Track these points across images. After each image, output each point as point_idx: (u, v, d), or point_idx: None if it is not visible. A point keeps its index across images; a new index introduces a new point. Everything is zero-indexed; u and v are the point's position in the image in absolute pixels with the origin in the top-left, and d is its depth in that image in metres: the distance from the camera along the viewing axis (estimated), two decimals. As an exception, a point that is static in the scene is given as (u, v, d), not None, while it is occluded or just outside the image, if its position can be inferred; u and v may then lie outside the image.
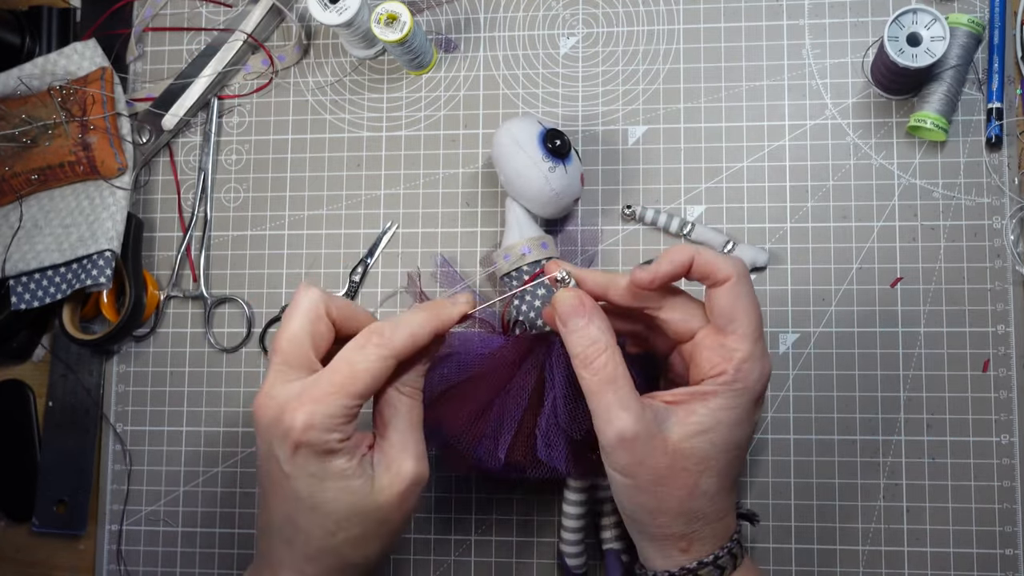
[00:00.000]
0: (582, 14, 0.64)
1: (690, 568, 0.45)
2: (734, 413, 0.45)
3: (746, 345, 0.45)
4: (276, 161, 0.65)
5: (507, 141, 0.55)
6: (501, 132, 0.55)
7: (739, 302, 0.46)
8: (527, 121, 0.55)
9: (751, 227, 0.60)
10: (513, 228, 0.57)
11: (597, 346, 0.44)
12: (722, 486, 0.46)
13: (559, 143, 0.54)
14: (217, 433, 0.63)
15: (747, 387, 0.45)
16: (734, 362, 0.45)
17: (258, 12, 0.65)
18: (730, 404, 0.45)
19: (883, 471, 0.58)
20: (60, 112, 0.63)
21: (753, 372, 0.45)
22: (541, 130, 0.55)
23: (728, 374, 0.45)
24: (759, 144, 0.61)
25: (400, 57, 0.62)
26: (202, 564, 0.62)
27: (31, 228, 0.63)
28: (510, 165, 0.55)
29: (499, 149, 0.55)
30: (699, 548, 0.46)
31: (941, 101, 0.58)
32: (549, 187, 0.54)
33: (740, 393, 0.45)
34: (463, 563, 0.60)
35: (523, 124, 0.55)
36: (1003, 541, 0.57)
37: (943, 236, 0.59)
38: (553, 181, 0.54)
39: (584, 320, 0.45)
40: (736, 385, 0.45)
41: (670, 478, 0.44)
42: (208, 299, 0.64)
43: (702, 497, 0.45)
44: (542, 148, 0.54)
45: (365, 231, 0.64)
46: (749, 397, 0.45)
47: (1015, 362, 0.58)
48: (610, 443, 0.44)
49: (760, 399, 0.46)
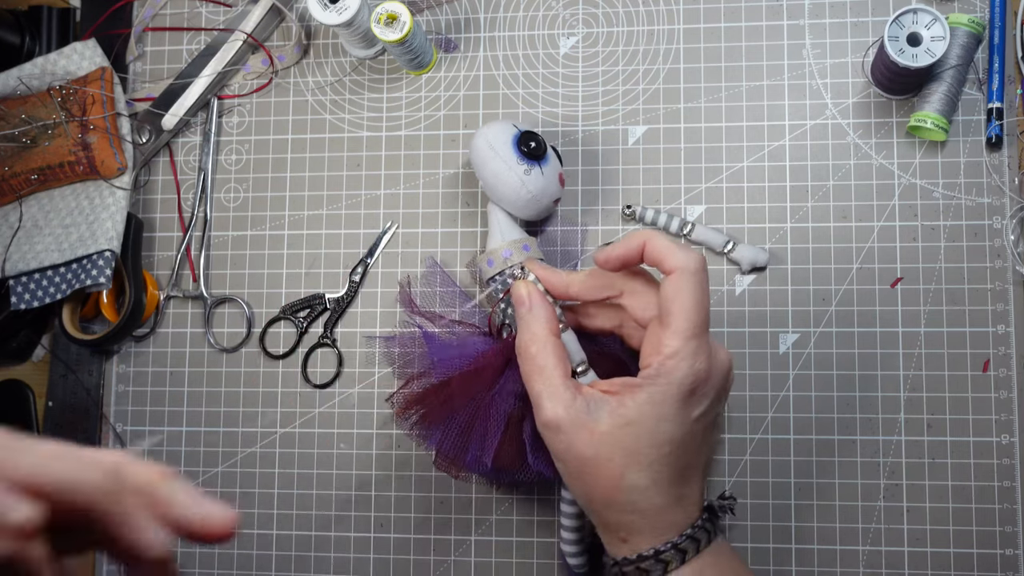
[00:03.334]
0: (582, 14, 0.64)
1: (630, 559, 0.46)
2: (659, 408, 0.44)
3: (676, 341, 0.44)
4: (276, 161, 0.65)
5: (482, 146, 0.55)
6: (477, 137, 0.55)
7: (679, 296, 0.45)
8: (502, 125, 0.56)
9: (751, 227, 0.60)
10: (495, 232, 0.57)
11: (533, 336, 0.47)
12: (655, 481, 0.45)
13: (533, 145, 0.54)
14: (217, 433, 0.63)
15: (670, 383, 0.44)
16: (660, 357, 0.45)
17: (258, 12, 0.65)
18: (654, 399, 0.44)
19: (883, 471, 0.58)
20: (60, 112, 0.63)
21: (678, 370, 0.44)
22: (515, 133, 0.55)
23: (652, 368, 0.45)
24: (759, 144, 0.61)
25: (400, 57, 0.62)
26: (202, 564, 0.62)
27: (31, 228, 0.63)
28: (487, 169, 0.55)
29: (475, 154, 0.55)
30: (637, 540, 0.46)
31: (941, 101, 0.58)
32: (525, 190, 0.55)
33: (664, 388, 0.44)
34: (463, 563, 0.60)
35: (498, 128, 0.55)
36: (1003, 541, 0.57)
37: (943, 236, 0.59)
38: (529, 184, 0.55)
39: (524, 310, 0.48)
40: (659, 380, 0.44)
41: (595, 467, 0.45)
42: (208, 299, 0.64)
43: (631, 490, 0.45)
44: (516, 151, 0.54)
45: (365, 231, 0.64)
46: (674, 394, 0.44)
47: (1015, 362, 0.58)
48: (540, 428, 0.47)
49: (691, 397, 0.45)
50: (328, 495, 0.62)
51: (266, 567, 0.62)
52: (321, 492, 0.62)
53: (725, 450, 0.59)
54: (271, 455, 0.63)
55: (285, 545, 0.62)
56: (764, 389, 0.59)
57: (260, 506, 0.62)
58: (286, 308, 0.63)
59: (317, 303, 0.63)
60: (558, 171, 0.56)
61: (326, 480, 0.62)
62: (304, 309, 0.63)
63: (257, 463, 0.63)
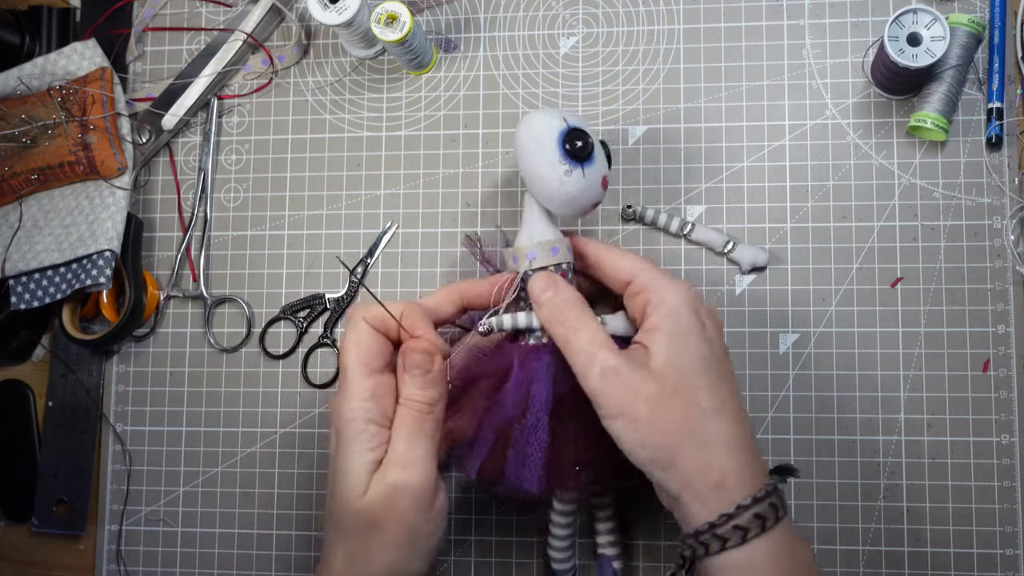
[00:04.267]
0: (582, 14, 0.64)
1: (728, 514, 0.43)
2: (687, 335, 0.47)
3: (646, 275, 0.49)
4: (276, 161, 0.65)
5: (525, 136, 0.50)
6: (522, 125, 0.51)
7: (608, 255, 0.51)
8: (550, 116, 0.51)
9: (751, 227, 0.60)
10: (526, 227, 0.53)
11: (566, 304, 0.48)
12: (723, 402, 0.46)
13: (580, 145, 0.50)
14: (217, 433, 0.63)
15: (677, 304, 0.47)
16: (647, 292, 0.48)
17: (258, 12, 0.65)
18: (679, 325, 0.47)
19: (883, 471, 0.58)
20: (60, 112, 0.63)
21: (670, 290, 0.48)
22: (563, 128, 0.50)
23: (650, 304, 0.48)
24: (759, 144, 0.61)
25: (400, 57, 0.62)
26: (202, 564, 0.63)
27: (31, 228, 0.63)
28: (527, 162, 0.51)
29: (518, 144, 0.51)
30: (733, 485, 0.44)
31: (941, 101, 0.58)
32: (563, 190, 0.50)
33: (672, 308, 0.47)
34: (463, 563, 0.60)
35: (546, 119, 0.51)
36: (1003, 541, 0.57)
37: (943, 236, 0.59)
38: (568, 185, 0.50)
39: (552, 291, 0.49)
40: (663, 307, 0.47)
41: (666, 399, 0.45)
42: (208, 299, 0.64)
43: (705, 415, 0.45)
44: (560, 149, 0.50)
45: (365, 231, 0.64)
46: (687, 313, 0.47)
47: (1015, 362, 0.58)
48: (597, 383, 0.45)
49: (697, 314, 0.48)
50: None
51: (266, 567, 0.62)
52: (321, 492, 0.62)
53: (725, 450, 0.59)
54: (271, 455, 0.63)
55: (285, 545, 0.62)
56: (764, 389, 0.59)
57: (260, 506, 0.62)
58: (286, 308, 0.63)
59: (317, 303, 0.63)
60: (602, 174, 0.52)
61: (326, 480, 0.62)
62: (304, 309, 0.63)
63: (257, 463, 0.63)
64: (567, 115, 0.51)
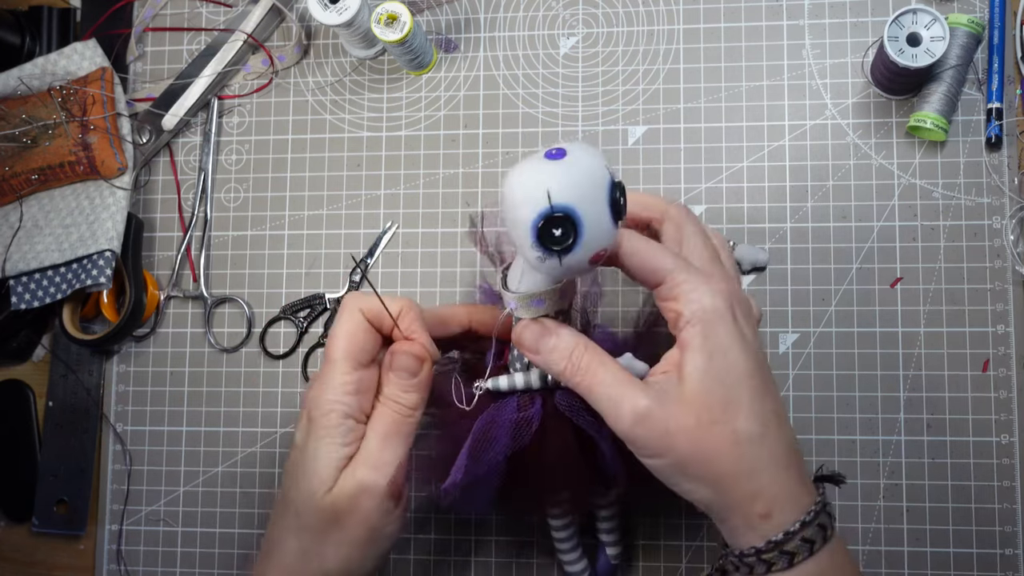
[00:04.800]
0: (582, 14, 0.64)
1: (776, 541, 0.41)
2: (719, 341, 0.42)
3: (683, 274, 0.42)
4: (276, 161, 0.65)
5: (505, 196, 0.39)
6: (505, 180, 0.40)
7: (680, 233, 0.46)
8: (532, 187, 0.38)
9: (751, 227, 0.61)
10: (516, 268, 0.45)
11: (576, 351, 0.44)
12: (765, 423, 0.42)
13: (558, 235, 0.38)
14: (217, 433, 0.63)
15: (707, 311, 0.42)
16: (682, 299, 0.42)
17: (258, 12, 0.65)
18: (709, 342, 0.42)
19: (883, 471, 0.58)
20: (60, 112, 0.63)
21: (704, 297, 0.42)
22: (541, 210, 0.38)
23: (684, 313, 0.42)
24: (759, 144, 0.61)
25: (400, 57, 0.62)
26: (202, 564, 0.62)
27: (31, 228, 0.63)
28: (507, 225, 0.40)
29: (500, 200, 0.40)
30: (779, 514, 0.42)
31: (941, 101, 0.58)
32: (540, 266, 0.40)
33: (707, 322, 0.42)
34: (463, 563, 0.60)
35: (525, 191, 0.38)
36: (1003, 541, 0.57)
37: (943, 236, 0.59)
38: (544, 269, 0.40)
39: (553, 338, 0.44)
40: (696, 316, 0.42)
41: (705, 434, 0.41)
42: (208, 299, 0.64)
43: (749, 443, 0.41)
44: (533, 234, 0.38)
45: (365, 231, 0.64)
46: (719, 319, 0.42)
47: (1015, 362, 0.58)
48: (629, 427, 0.42)
49: (735, 318, 0.42)
50: (328, 495, 0.62)
51: (266, 567, 0.62)
52: (321, 492, 0.62)
53: (725, 450, 0.59)
54: (271, 455, 0.63)
55: (285, 545, 0.62)
56: (764, 389, 0.59)
57: (260, 506, 0.62)
58: (286, 308, 0.63)
59: (317, 303, 0.63)
60: (594, 252, 0.39)
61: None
62: (304, 309, 0.63)
63: (257, 463, 0.63)
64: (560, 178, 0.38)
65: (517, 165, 0.39)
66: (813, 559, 0.41)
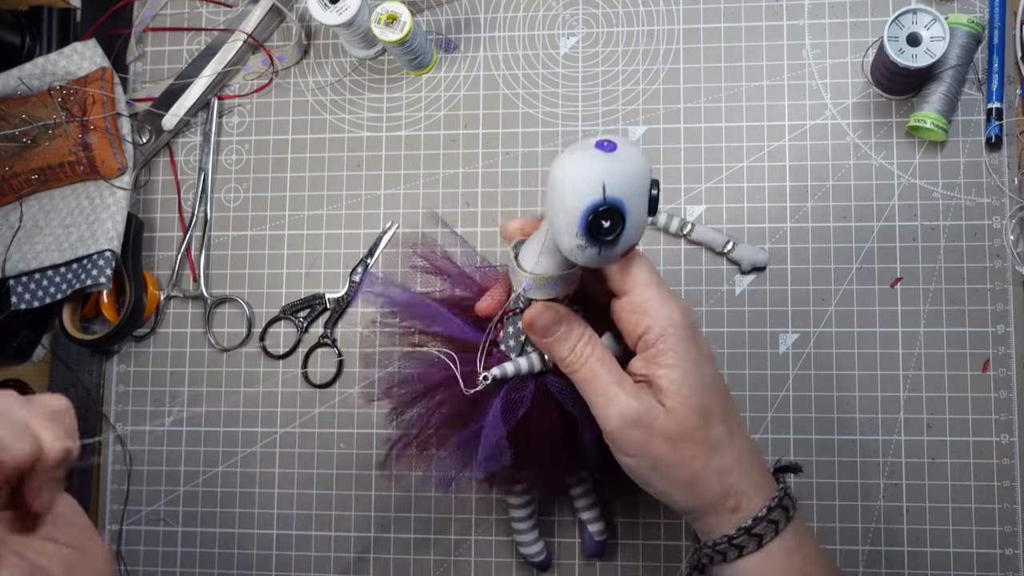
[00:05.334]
0: (582, 14, 0.64)
1: (744, 527, 0.45)
2: (690, 355, 0.45)
3: (649, 291, 0.45)
4: (276, 161, 0.65)
5: (556, 182, 0.40)
6: (556, 165, 0.40)
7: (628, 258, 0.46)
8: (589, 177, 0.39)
9: (751, 227, 0.60)
10: (533, 246, 0.45)
11: (581, 343, 0.45)
12: (731, 428, 0.45)
13: (606, 226, 0.40)
14: (217, 433, 0.63)
15: (677, 327, 0.44)
16: (650, 316, 0.45)
17: (258, 12, 0.65)
18: (678, 350, 0.44)
19: (883, 471, 0.58)
20: (60, 112, 0.63)
21: (673, 311, 0.45)
22: (595, 201, 0.39)
23: (652, 329, 0.44)
24: (759, 144, 0.61)
25: (400, 57, 0.62)
26: (202, 564, 0.62)
27: (31, 228, 0.63)
28: (550, 205, 0.41)
29: (549, 180, 0.41)
30: (747, 504, 0.45)
31: (941, 101, 0.58)
32: (575, 255, 0.41)
33: (678, 337, 0.44)
34: (463, 563, 0.60)
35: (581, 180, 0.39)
36: (1003, 541, 0.57)
37: (943, 236, 0.59)
38: (580, 256, 0.41)
39: (564, 326, 0.45)
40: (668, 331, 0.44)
41: (683, 439, 0.44)
42: (208, 299, 0.64)
43: (721, 445, 0.45)
44: (582, 223, 0.39)
45: (365, 231, 0.64)
46: (686, 335, 0.45)
47: (1015, 362, 0.58)
48: (616, 428, 0.44)
49: (695, 332, 0.46)
50: (328, 495, 0.62)
51: (266, 567, 0.62)
52: (321, 492, 0.62)
53: (725, 450, 0.59)
54: (271, 455, 0.63)
55: (285, 545, 0.62)
56: (764, 389, 0.59)
57: (260, 506, 0.62)
58: (286, 308, 0.63)
59: (317, 303, 0.63)
60: (628, 247, 0.42)
61: (326, 480, 0.62)
62: (304, 309, 0.63)
63: (257, 463, 0.63)
64: (616, 171, 0.39)
65: (570, 153, 0.40)
66: (779, 538, 0.45)
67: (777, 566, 0.45)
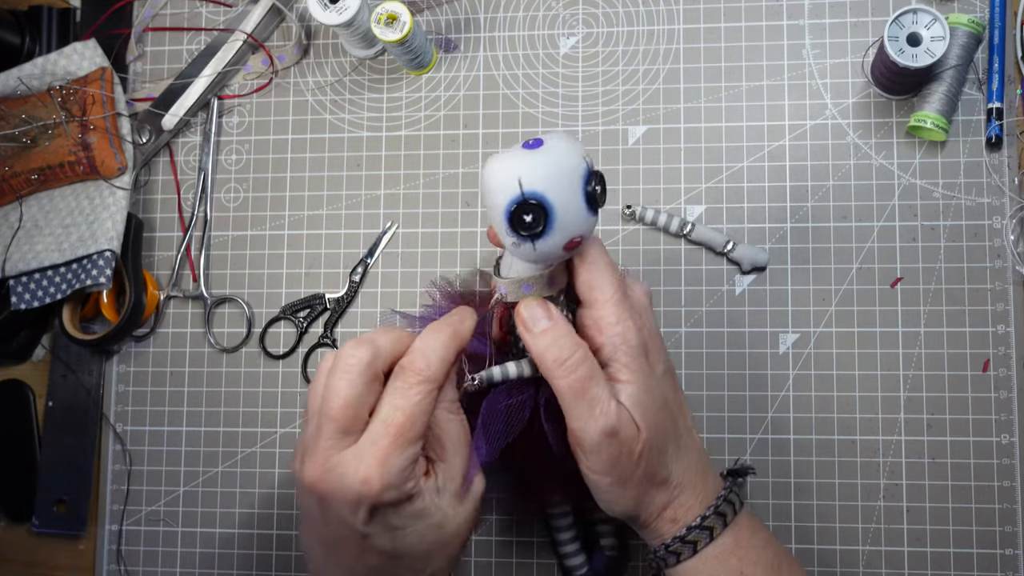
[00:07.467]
0: (582, 14, 0.64)
1: (680, 536, 0.47)
2: (644, 374, 0.45)
3: (610, 308, 0.45)
4: (276, 161, 0.65)
5: (483, 185, 0.42)
6: (482, 169, 0.42)
7: (594, 268, 0.45)
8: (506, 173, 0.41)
9: (751, 227, 0.60)
10: (505, 257, 0.47)
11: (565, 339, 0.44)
12: (679, 445, 0.47)
13: (529, 220, 0.40)
14: (217, 433, 0.63)
15: (630, 346, 0.45)
16: (606, 333, 0.45)
17: (258, 12, 0.65)
18: (633, 369, 0.45)
19: (883, 471, 0.58)
20: (60, 112, 0.63)
21: (628, 332, 0.45)
22: (514, 196, 0.40)
23: (606, 346, 0.45)
24: (759, 144, 0.61)
25: (400, 57, 0.62)
26: (202, 564, 0.62)
27: (31, 228, 0.63)
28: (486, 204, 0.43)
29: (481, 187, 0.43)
30: (685, 514, 0.47)
31: (941, 101, 0.58)
32: (515, 253, 0.43)
33: (630, 356, 0.45)
34: (463, 563, 0.60)
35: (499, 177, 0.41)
36: (1003, 541, 0.57)
37: (943, 236, 0.59)
38: (519, 253, 0.43)
39: (545, 321, 0.45)
40: (620, 349, 0.45)
41: (642, 458, 0.45)
42: (208, 299, 0.64)
43: (673, 462, 0.46)
44: (506, 219, 0.41)
45: (365, 231, 0.64)
46: (642, 354, 0.45)
47: (1015, 362, 0.58)
48: (595, 441, 0.44)
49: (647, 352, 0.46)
50: (328, 495, 0.62)
51: (266, 567, 0.62)
52: (321, 492, 0.62)
53: (725, 450, 0.59)
54: (271, 455, 0.63)
55: (285, 545, 0.62)
56: (764, 389, 0.59)
57: (260, 506, 0.62)
58: (286, 308, 0.63)
59: (317, 303, 0.63)
60: (569, 238, 0.42)
61: (326, 480, 0.62)
62: (304, 309, 0.63)
63: (257, 463, 0.63)
64: (533, 166, 0.41)
65: (495, 154, 0.42)
66: (713, 543, 0.47)
67: (712, 569, 0.47)
